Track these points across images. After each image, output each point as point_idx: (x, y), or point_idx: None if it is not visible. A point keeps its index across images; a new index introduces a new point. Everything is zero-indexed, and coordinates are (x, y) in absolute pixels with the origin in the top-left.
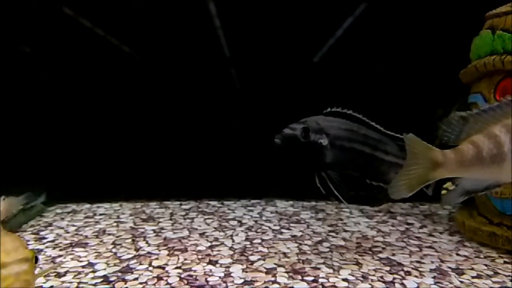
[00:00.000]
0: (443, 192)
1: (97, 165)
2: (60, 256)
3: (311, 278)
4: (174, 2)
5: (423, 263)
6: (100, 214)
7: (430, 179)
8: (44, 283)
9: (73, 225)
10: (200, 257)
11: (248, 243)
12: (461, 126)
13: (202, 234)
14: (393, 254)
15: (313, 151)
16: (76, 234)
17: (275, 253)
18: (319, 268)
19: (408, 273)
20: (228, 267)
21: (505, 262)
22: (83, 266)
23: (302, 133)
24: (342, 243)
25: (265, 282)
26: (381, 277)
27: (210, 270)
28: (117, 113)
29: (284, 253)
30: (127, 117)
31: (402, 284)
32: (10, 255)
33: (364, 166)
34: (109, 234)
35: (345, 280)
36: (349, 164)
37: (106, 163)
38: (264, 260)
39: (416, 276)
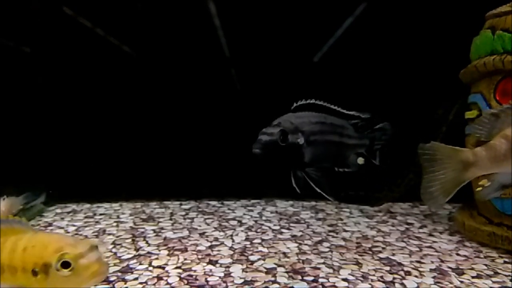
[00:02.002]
0: (478, 189)
1: (97, 165)
2: None
3: (311, 278)
4: (174, 2)
5: (423, 263)
6: (100, 214)
7: (464, 180)
8: None
9: (73, 225)
10: (200, 257)
11: (248, 243)
12: (493, 123)
13: (202, 234)
14: (393, 254)
15: (292, 153)
16: (76, 234)
17: (275, 253)
18: (319, 268)
19: (408, 273)
20: (228, 267)
21: (505, 262)
22: None
23: (280, 136)
24: (342, 243)
25: (265, 282)
26: (381, 277)
27: (210, 270)
28: (117, 113)
29: (284, 253)
30: (127, 117)
31: (402, 284)
32: (78, 247)
33: (335, 155)
34: (109, 234)
35: (345, 280)
36: (325, 157)
37: (106, 163)
38: (264, 260)
39: (416, 276)
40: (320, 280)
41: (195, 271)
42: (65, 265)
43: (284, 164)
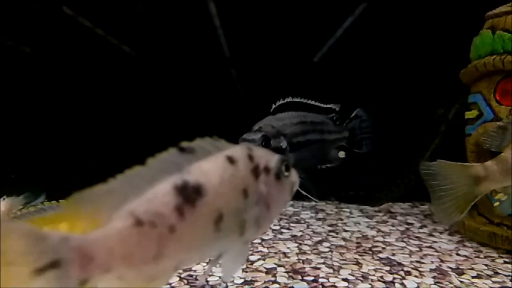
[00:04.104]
0: (496, 204)
1: (97, 165)
2: None
3: (311, 278)
4: (174, 2)
5: (423, 263)
6: None
7: (477, 195)
8: None
9: None
10: None
11: None
12: (501, 136)
13: None
14: (393, 254)
15: None
16: None
17: (275, 253)
18: (319, 268)
19: (408, 273)
20: None
21: (505, 262)
22: None
23: (262, 142)
24: (342, 243)
25: (265, 282)
26: (381, 277)
27: (210, 270)
28: (117, 113)
29: (284, 253)
30: (127, 117)
31: (402, 284)
32: None
33: (318, 153)
34: None
35: (345, 280)
36: (308, 157)
37: (106, 163)
38: (264, 260)
39: (416, 276)
40: (320, 280)
41: (195, 271)
42: None
43: None
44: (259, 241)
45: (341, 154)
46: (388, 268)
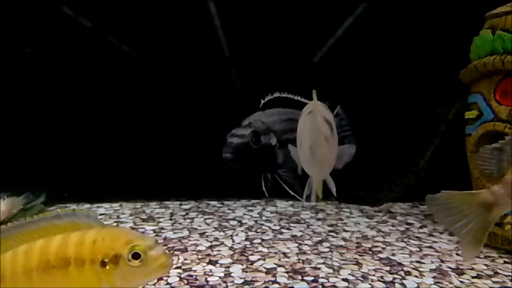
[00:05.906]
0: (507, 227)
1: (97, 165)
2: None
3: (311, 278)
4: (174, 2)
5: (423, 263)
6: (100, 214)
7: (492, 222)
8: None
9: None
10: (200, 257)
11: (248, 243)
12: (498, 157)
13: (202, 234)
14: (393, 254)
15: (265, 155)
16: None
17: (275, 253)
18: (319, 268)
19: (408, 273)
20: (228, 267)
21: (505, 262)
22: None
23: (252, 138)
24: (342, 243)
25: (265, 282)
26: (381, 277)
27: (210, 270)
28: (117, 113)
29: (284, 253)
30: (127, 117)
31: (402, 284)
32: (145, 240)
33: None
34: None
35: (345, 280)
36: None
37: (106, 163)
38: (264, 260)
39: (416, 276)
40: (320, 280)
41: (195, 271)
42: (136, 256)
43: (258, 167)
44: (259, 241)
45: None
46: (388, 268)
